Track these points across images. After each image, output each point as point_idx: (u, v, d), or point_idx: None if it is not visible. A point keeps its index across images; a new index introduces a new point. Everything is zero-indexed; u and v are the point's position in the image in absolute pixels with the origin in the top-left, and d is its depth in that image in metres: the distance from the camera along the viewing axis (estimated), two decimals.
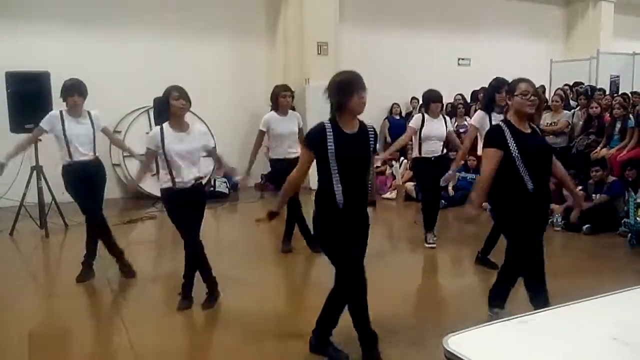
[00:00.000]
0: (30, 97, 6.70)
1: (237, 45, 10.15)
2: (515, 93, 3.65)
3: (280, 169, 5.49)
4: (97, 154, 5.26)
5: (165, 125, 4.22)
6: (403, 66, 11.22)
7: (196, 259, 4.38)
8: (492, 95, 5.57)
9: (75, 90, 5.04)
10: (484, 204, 4.20)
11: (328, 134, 3.25)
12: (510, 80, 3.87)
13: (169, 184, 4.17)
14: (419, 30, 11.50)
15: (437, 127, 6.21)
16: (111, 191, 9.31)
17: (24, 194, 6.80)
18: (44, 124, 5.08)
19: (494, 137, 3.66)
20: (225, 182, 9.61)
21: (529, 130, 3.68)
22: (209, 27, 9.82)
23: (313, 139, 3.30)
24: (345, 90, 3.28)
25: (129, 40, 9.14)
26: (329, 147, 3.23)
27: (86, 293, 4.87)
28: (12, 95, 6.72)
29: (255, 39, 10.34)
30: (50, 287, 5.37)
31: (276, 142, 5.91)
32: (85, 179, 5.06)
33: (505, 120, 3.72)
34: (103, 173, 5.35)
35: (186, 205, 4.25)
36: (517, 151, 3.54)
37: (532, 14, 12.98)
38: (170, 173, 4.18)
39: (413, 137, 6.24)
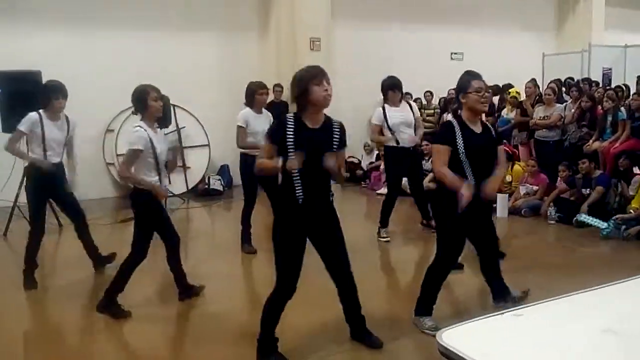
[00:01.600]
0: (22, 96, 6.64)
1: (229, 41, 10.12)
2: (469, 90, 3.65)
3: (252, 163, 5.49)
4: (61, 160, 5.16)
5: (143, 124, 4.13)
6: (396, 61, 11.18)
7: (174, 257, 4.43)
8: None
9: (61, 93, 4.96)
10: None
11: (288, 127, 3.23)
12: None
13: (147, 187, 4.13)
14: (411, 25, 11.49)
15: (401, 115, 6.19)
16: (105, 190, 9.32)
17: (17, 194, 6.77)
18: (23, 127, 4.92)
19: (444, 134, 3.71)
20: (219, 179, 9.60)
21: (479, 129, 3.71)
22: (200, 24, 9.79)
23: (273, 132, 3.32)
24: (305, 83, 3.24)
25: (120, 39, 9.10)
26: (287, 141, 3.20)
27: (80, 292, 4.85)
28: (3, 94, 6.67)
29: (247, 35, 10.31)
30: (45, 287, 5.35)
31: (250, 139, 5.85)
32: (50, 185, 5.01)
33: (457, 117, 3.74)
34: (64, 177, 5.25)
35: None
36: (463, 149, 3.59)
37: (524, 8, 12.99)
38: (159, 174, 4.15)
39: (384, 130, 6.22)
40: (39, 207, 5.06)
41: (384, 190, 9.25)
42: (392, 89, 6.16)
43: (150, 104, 4.12)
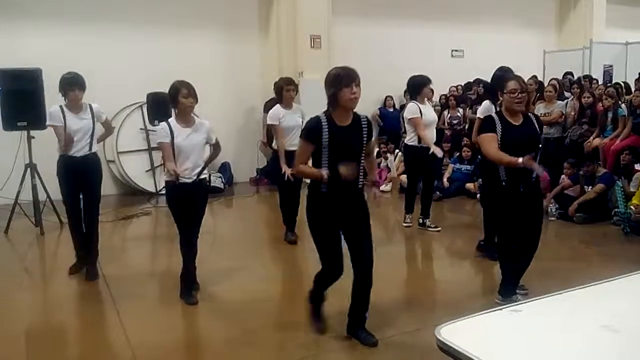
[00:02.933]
0: (22, 94, 6.67)
1: (230, 39, 10.11)
2: (505, 91, 3.87)
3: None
4: (95, 150, 5.19)
5: (172, 120, 4.26)
6: (396, 59, 11.20)
7: (190, 256, 4.40)
8: (497, 85, 5.54)
9: (75, 85, 4.97)
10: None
11: (323, 127, 3.37)
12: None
13: (172, 178, 4.14)
14: (412, 22, 11.48)
15: (430, 112, 6.24)
16: (106, 187, 9.31)
17: (18, 192, 6.78)
18: (53, 121, 5.01)
19: (487, 125, 3.92)
20: (220, 176, 9.60)
21: (519, 122, 3.89)
22: (201, 22, 9.79)
23: (310, 132, 3.43)
24: (336, 84, 3.38)
25: (120, 36, 9.10)
26: (323, 140, 3.36)
27: (82, 289, 4.86)
28: (3, 92, 6.68)
29: (248, 32, 10.30)
30: (46, 285, 5.37)
31: (282, 135, 5.87)
32: (79, 175, 5.03)
33: (498, 112, 3.97)
34: (99, 170, 5.30)
35: (187, 201, 4.26)
36: (499, 141, 3.81)
37: (525, 5, 12.97)
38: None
39: (409, 125, 6.25)
40: (68, 199, 5.14)
41: (384, 186, 9.28)
42: (426, 84, 6.17)
43: (180, 100, 4.23)
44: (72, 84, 4.95)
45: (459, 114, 9.87)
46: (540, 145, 4.06)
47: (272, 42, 10.36)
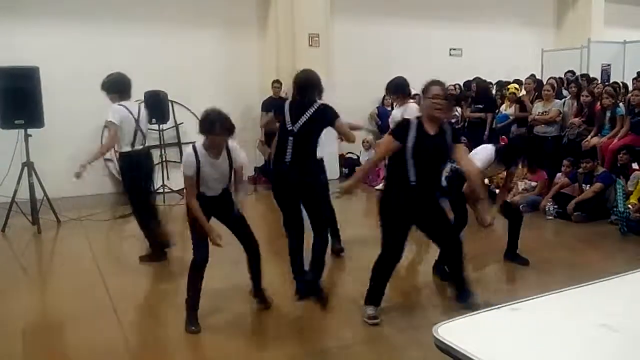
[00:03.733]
0: (19, 92, 6.65)
1: (228, 37, 10.09)
2: (427, 96, 3.83)
3: None
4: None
5: (199, 146, 3.84)
6: (394, 57, 11.19)
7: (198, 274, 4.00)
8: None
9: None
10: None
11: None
12: None
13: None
14: (410, 20, 11.47)
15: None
16: (103, 186, 9.31)
17: (16, 190, 6.77)
18: (115, 119, 5.22)
19: (398, 129, 3.90)
20: None
21: (434, 132, 3.81)
22: (199, 19, 9.76)
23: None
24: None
25: (118, 34, 9.07)
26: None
27: (80, 288, 4.85)
28: (1, 91, 6.65)
29: (246, 30, 10.28)
30: (44, 283, 5.36)
31: None
32: (138, 172, 5.32)
33: (418, 118, 3.88)
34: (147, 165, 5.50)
35: (214, 213, 4.05)
36: (411, 149, 3.74)
37: (524, 3, 12.97)
38: (198, 187, 3.91)
39: None
40: (133, 194, 5.39)
41: (382, 185, 9.27)
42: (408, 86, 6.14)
43: (212, 138, 3.80)
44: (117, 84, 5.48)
45: (456, 113, 9.85)
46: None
47: (270, 41, 10.34)
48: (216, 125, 3.72)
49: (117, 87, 5.34)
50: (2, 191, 7.11)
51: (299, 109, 4.38)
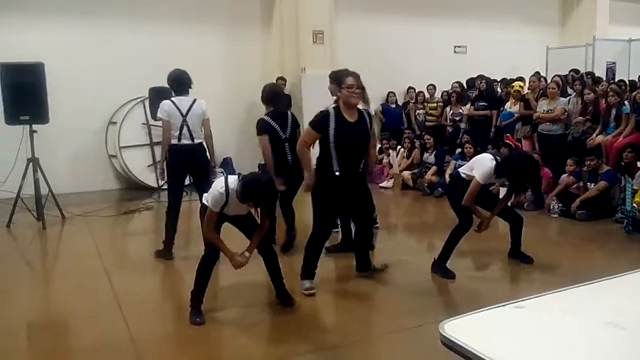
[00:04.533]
0: (24, 88, 6.67)
1: (232, 34, 10.10)
2: (343, 86, 4.13)
3: None
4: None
5: (232, 188, 3.77)
6: (399, 54, 11.20)
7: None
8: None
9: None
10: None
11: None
12: None
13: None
14: (415, 18, 11.46)
15: None
16: (107, 182, 9.35)
17: (21, 186, 6.79)
18: (162, 114, 5.31)
19: (318, 121, 4.17)
20: (222, 172, 9.59)
21: (354, 119, 4.16)
22: (204, 16, 9.78)
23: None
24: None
25: (123, 31, 9.09)
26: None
27: (84, 284, 4.87)
28: (6, 87, 6.68)
29: (250, 27, 10.29)
30: (48, 279, 5.38)
31: None
32: (186, 164, 5.36)
33: (335, 108, 4.18)
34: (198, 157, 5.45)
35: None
36: (333, 138, 4.09)
37: (528, 1, 12.94)
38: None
39: None
40: (172, 185, 5.45)
41: (386, 183, 9.28)
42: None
43: (247, 203, 3.81)
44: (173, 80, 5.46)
45: (461, 110, 9.85)
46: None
47: (275, 38, 10.35)
48: (252, 200, 3.75)
49: (170, 82, 5.44)
50: (7, 187, 7.15)
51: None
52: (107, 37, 8.95)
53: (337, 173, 4.13)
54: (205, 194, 4.01)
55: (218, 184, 3.85)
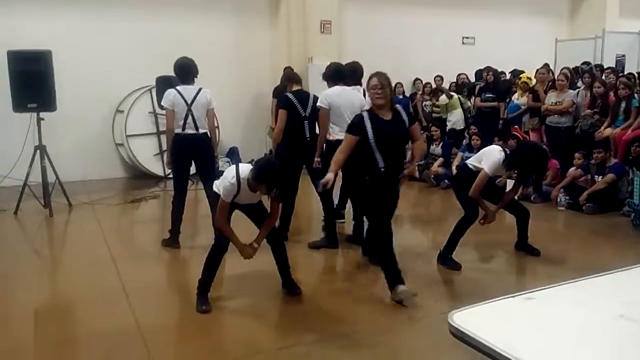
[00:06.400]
0: (32, 76, 6.67)
1: (239, 24, 10.06)
2: (368, 88, 4.19)
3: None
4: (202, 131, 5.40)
5: (244, 178, 3.80)
6: (406, 45, 11.13)
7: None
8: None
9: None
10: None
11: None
12: None
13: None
14: (423, 8, 11.38)
15: None
16: (114, 171, 9.37)
17: (28, 173, 6.81)
18: (165, 103, 5.30)
19: (354, 125, 4.15)
20: (228, 161, 9.60)
21: (389, 117, 4.14)
22: (211, 6, 9.74)
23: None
24: None
25: (130, 19, 9.07)
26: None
27: (91, 271, 4.89)
28: (14, 74, 6.68)
29: (258, 17, 10.25)
30: (55, 266, 5.40)
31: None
32: (189, 154, 5.35)
33: (369, 110, 4.18)
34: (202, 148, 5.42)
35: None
36: (373, 137, 4.04)
37: None
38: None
39: None
40: (177, 174, 5.48)
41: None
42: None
43: (259, 188, 3.83)
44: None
45: (469, 103, 9.80)
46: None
47: (282, 27, 10.30)
48: (265, 184, 3.74)
49: (176, 70, 5.40)
50: (15, 174, 7.16)
51: None
52: (115, 25, 8.93)
53: (382, 169, 4.07)
54: (216, 182, 4.02)
55: (229, 174, 3.85)
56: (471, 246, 5.44)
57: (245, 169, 3.83)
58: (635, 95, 7.53)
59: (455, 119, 9.55)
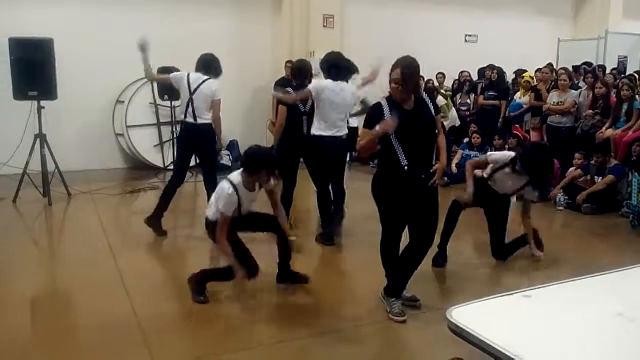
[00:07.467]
0: (33, 64, 6.65)
1: (242, 17, 10.03)
2: (390, 79, 3.68)
3: None
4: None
5: (239, 182, 3.84)
6: (409, 41, 11.03)
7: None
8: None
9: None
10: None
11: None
12: None
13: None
14: (426, 4, 11.34)
15: None
16: (114, 161, 9.36)
17: (27, 162, 6.79)
18: (172, 77, 5.54)
19: (371, 117, 3.64)
20: (228, 154, 9.60)
21: (411, 107, 3.64)
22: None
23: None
24: None
25: (132, 9, 9.04)
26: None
27: (89, 261, 4.89)
28: (15, 62, 6.65)
29: (260, 10, 10.22)
30: (53, 255, 5.40)
31: None
32: (191, 142, 5.47)
33: (388, 98, 3.69)
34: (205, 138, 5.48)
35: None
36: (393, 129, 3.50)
37: None
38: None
39: None
40: (177, 160, 5.73)
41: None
42: None
43: (261, 176, 3.85)
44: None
45: (469, 100, 9.79)
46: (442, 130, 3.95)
47: (284, 21, 10.27)
48: (263, 170, 3.77)
49: (198, 65, 5.56)
50: (14, 162, 7.15)
51: None
52: (116, 15, 8.90)
53: (405, 167, 3.56)
54: (207, 210, 3.96)
55: (223, 189, 3.80)
56: (469, 243, 5.46)
57: (236, 175, 3.84)
58: (637, 96, 7.53)
59: (450, 117, 9.53)
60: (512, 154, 4.91)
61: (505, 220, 4.96)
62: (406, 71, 3.57)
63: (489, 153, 5.03)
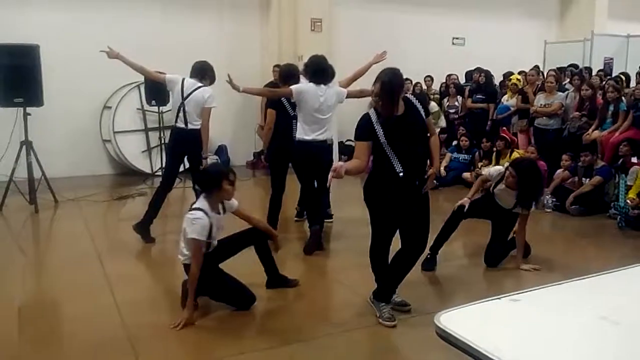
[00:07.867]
0: (19, 70, 6.60)
1: (229, 20, 10.02)
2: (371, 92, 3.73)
3: None
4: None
5: (206, 206, 3.78)
6: (397, 45, 11.07)
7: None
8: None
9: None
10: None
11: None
12: None
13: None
14: (413, 8, 11.38)
15: None
16: (101, 167, 9.29)
17: (13, 169, 6.73)
18: (167, 76, 5.60)
19: (361, 128, 3.61)
20: (216, 159, 9.57)
21: (400, 112, 3.58)
22: (201, 2, 9.70)
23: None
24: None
25: (119, 14, 9.00)
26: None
27: (76, 268, 4.85)
28: (0, 68, 6.60)
29: (248, 14, 10.21)
30: (40, 263, 5.35)
31: None
32: (179, 146, 5.50)
33: (376, 107, 3.65)
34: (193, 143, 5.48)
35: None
36: (384, 137, 3.51)
37: None
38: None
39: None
40: (167, 165, 5.72)
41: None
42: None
43: (224, 187, 3.79)
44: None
45: (457, 103, 9.83)
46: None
47: (272, 25, 10.26)
48: (223, 180, 3.78)
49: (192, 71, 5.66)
50: (0, 170, 7.08)
51: None
52: (103, 20, 8.85)
53: (400, 174, 3.52)
54: (180, 256, 3.89)
55: (193, 217, 3.71)
56: (458, 246, 5.46)
57: (200, 201, 3.81)
58: (623, 98, 7.60)
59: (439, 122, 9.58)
60: (502, 168, 5.03)
61: (509, 232, 5.05)
62: (385, 87, 3.51)
63: (485, 169, 5.10)
